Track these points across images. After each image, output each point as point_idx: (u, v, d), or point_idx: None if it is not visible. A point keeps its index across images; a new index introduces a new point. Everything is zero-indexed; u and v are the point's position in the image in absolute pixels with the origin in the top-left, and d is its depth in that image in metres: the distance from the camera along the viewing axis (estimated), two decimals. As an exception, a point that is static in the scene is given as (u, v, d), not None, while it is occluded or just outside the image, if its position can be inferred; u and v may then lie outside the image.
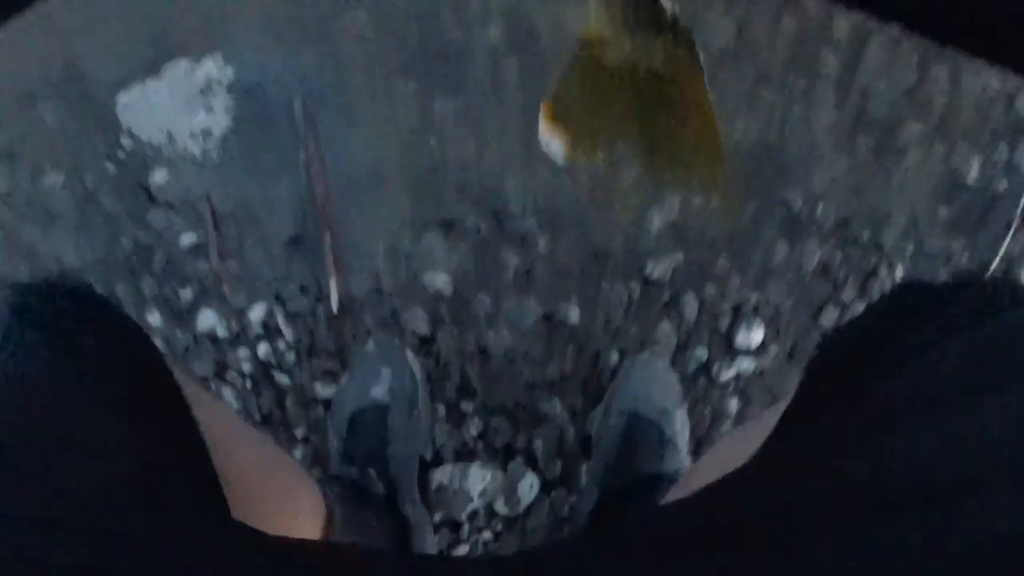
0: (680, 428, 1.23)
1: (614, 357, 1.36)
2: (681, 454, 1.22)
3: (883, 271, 1.39)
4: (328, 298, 1.28)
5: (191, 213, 1.32)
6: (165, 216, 1.32)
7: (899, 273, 1.39)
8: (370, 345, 1.20)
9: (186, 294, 1.29)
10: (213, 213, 1.31)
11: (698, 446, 1.37)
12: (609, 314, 1.39)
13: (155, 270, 1.31)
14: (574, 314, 1.35)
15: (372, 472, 1.09)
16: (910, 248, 1.40)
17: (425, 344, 1.30)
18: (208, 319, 1.26)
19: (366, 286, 1.31)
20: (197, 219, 1.32)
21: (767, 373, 1.41)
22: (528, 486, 1.26)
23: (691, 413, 1.34)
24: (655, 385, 1.25)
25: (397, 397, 1.16)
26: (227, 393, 1.23)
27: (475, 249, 1.36)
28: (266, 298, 1.28)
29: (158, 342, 1.30)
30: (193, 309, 1.28)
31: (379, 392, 1.16)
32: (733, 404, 1.39)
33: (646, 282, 1.43)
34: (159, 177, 1.33)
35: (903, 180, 1.45)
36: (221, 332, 1.25)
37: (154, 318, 1.28)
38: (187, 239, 1.30)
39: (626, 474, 1.15)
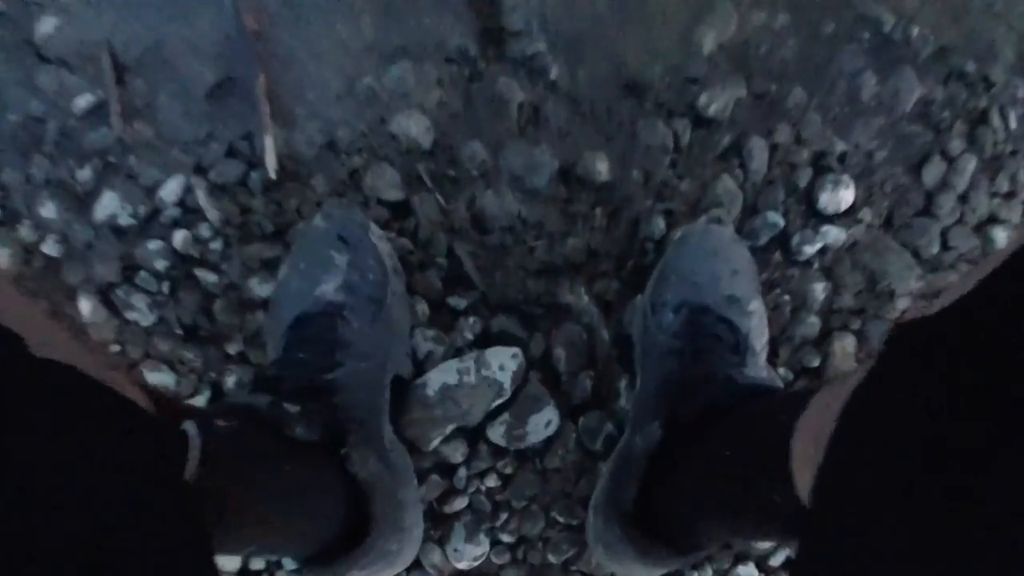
0: (757, 325, 0.83)
1: (659, 225, 0.92)
2: (760, 361, 0.82)
3: (994, 118, 0.99)
4: (264, 161, 0.88)
5: (88, 68, 0.94)
6: (56, 76, 0.95)
7: (1013, 124, 0.99)
8: (318, 220, 0.80)
9: (84, 174, 0.92)
10: (115, 63, 0.93)
11: (774, 349, 0.92)
12: (649, 166, 0.94)
13: (47, 147, 0.94)
14: (602, 167, 0.91)
15: (302, 409, 0.69)
16: (1021, 91, 1.00)
17: (398, 217, 0.89)
18: (108, 204, 0.89)
19: (315, 141, 0.91)
20: (95, 74, 0.94)
21: (860, 247, 0.99)
22: (546, 411, 0.84)
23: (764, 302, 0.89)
24: (719, 262, 0.85)
25: (356, 293, 0.79)
26: (139, 302, 0.87)
27: (463, 83, 0.93)
28: (183, 169, 0.90)
29: (52, 242, 0.94)
30: (94, 193, 0.91)
31: (330, 287, 0.78)
32: (819, 290, 0.97)
33: (698, 121, 0.98)
34: (47, 27, 0.96)
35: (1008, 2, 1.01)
36: (124, 219, 0.88)
37: (48, 209, 0.92)
38: (83, 101, 0.93)
39: (691, 395, 0.76)
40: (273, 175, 0.89)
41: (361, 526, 0.70)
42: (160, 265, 0.89)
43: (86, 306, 0.90)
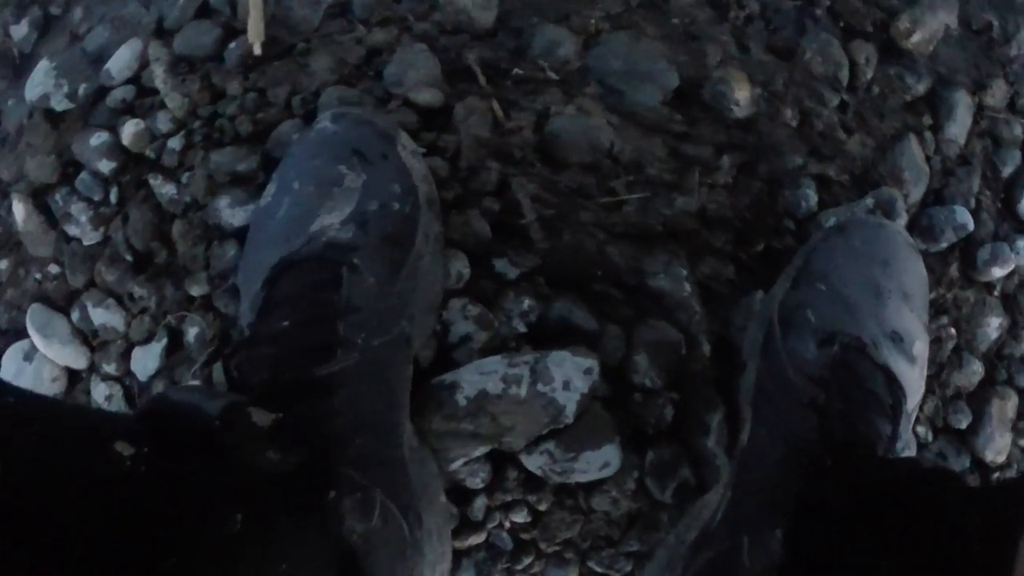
0: (917, 378, 0.42)
1: (808, 197, 0.40)
2: (909, 428, 0.43)
3: None
4: (247, 26, 0.38)
5: None
6: None
7: None
8: (325, 121, 0.31)
9: (20, 30, 0.44)
10: None
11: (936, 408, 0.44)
12: (809, 105, 0.42)
13: None
14: (741, 94, 0.39)
15: (279, 420, 0.31)
16: None
17: (431, 128, 0.38)
18: (41, 79, 0.42)
19: (321, 0, 0.39)
20: None
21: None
22: (606, 449, 0.36)
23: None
24: (889, 278, 0.41)
25: (372, 230, 0.38)
26: (79, 214, 0.41)
27: None
28: (140, 31, 0.41)
29: None
30: (32, 58, 0.43)
31: (335, 219, 0.38)
32: (992, 326, 0.52)
33: (888, 51, 0.43)
34: None
35: None
36: (59, 101, 0.41)
37: None
38: None
39: (835, 480, 0.35)
40: (258, 48, 0.41)
41: None
42: (105, 167, 0.45)
43: (19, 211, 0.47)
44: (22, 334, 0.52)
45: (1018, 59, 0.53)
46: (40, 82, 0.49)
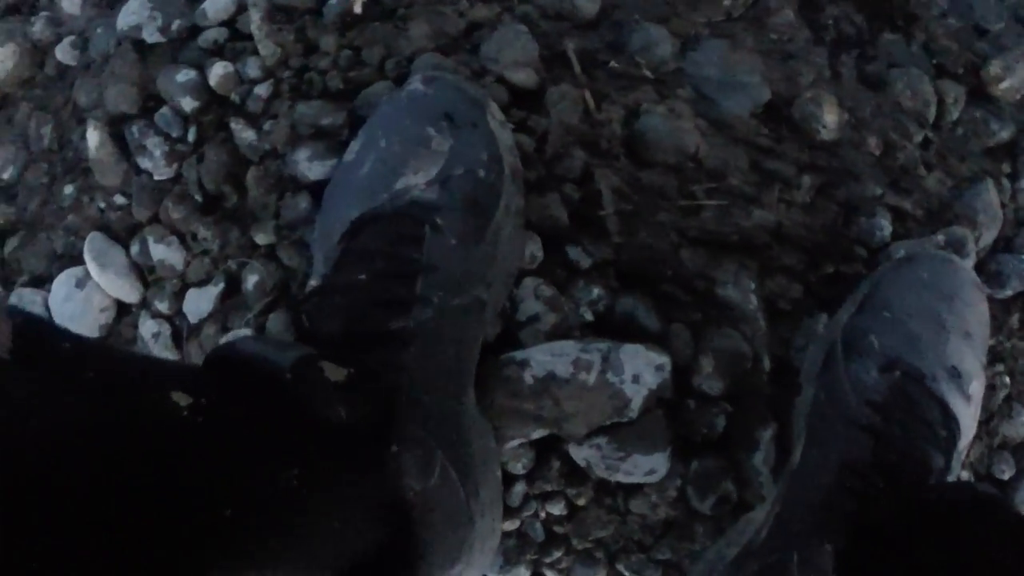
0: (971, 415, 0.41)
1: (883, 226, 0.40)
2: (958, 466, 0.41)
3: None
4: None
5: None
6: None
7: None
8: (417, 83, 0.31)
9: None
10: None
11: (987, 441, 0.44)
12: (894, 136, 0.42)
13: None
14: (830, 117, 0.39)
15: (351, 375, 0.31)
16: None
17: (522, 107, 0.38)
18: (136, 8, 0.42)
19: None
20: None
21: None
22: (655, 457, 0.36)
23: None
24: (953, 314, 0.41)
25: (457, 194, 0.38)
26: (155, 148, 0.41)
27: None
28: None
29: (68, 46, 0.48)
30: None
31: (420, 179, 0.38)
32: None
33: (976, 94, 0.45)
34: None
35: None
36: (151, 34, 0.41)
37: (71, 3, 0.46)
38: None
39: (887, 494, 0.35)
40: (358, 6, 0.41)
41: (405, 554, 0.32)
42: (187, 104, 0.45)
43: (93, 138, 0.47)
44: (78, 260, 0.51)
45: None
46: (135, 11, 0.49)
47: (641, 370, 0.41)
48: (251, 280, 0.47)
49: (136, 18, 0.49)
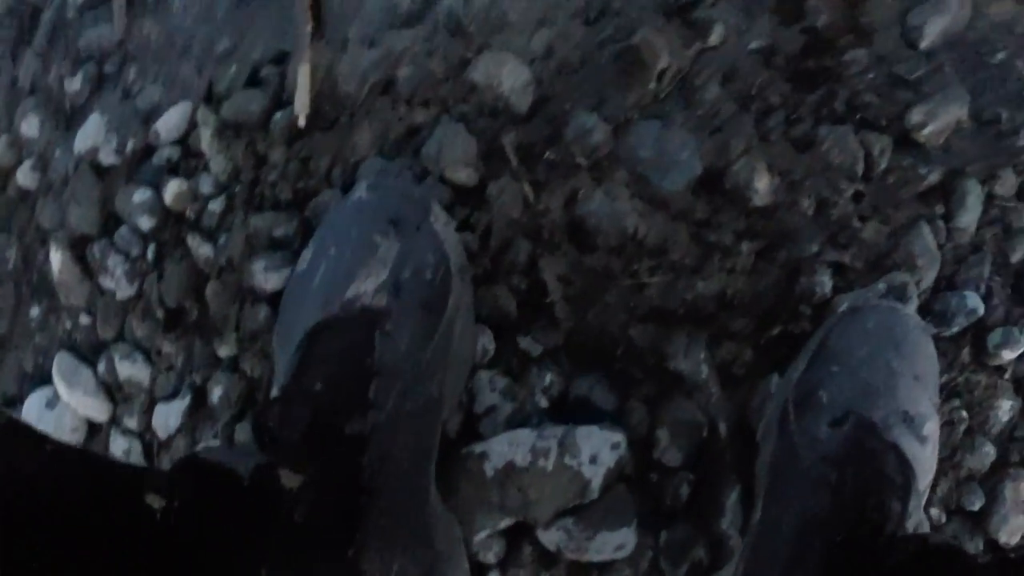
0: (928, 457, 0.43)
1: (824, 282, 0.41)
2: (920, 506, 0.44)
3: None
4: (294, 97, 0.40)
5: None
6: None
7: None
8: (362, 191, 0.33)
9: (75, 84, 0.46)
10: None
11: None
12: (826, 193, 0.43)
13: (39, 43, 0.49)
14: (761, 183, 0.41)
15: (308, 480, 0.33)
16: None
17: (465, 204, 0.40)
18: (93, 131, 0.43)
19: (367, 78, 0.42)
20: None
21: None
22: (622, 532, 0.37)
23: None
24: (901, 359, 0.43)
25: (406, 297, 0.40)
26: (116, 267, 0.42)
27: (586, 23, 0.42)
28: (190, 94, 0.43)
29: (29, 169, 0.50)
30: (84, 111, 0.45)
31: (370, 285, 0.39)
32: (1004, 408, 0.52)
33: (902, 143, 0.44)
34: None
35: None
36: (108, 155, 0.43)
37: (30, 124, 0.48)
38: None
39: (847, 558, 0.36)
40: (303, 120, 0.43)
41: None
42: (145, 223, 0.46)
43: (57, 259, 0.48)
44: (47, 380, 0.52)
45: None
46: (91, 133, 0.51)
47: (598, 450, 0.42)
48: (216, 392, 0.48)
49: (92, 140, 0.51)
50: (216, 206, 0.48)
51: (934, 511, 0.52)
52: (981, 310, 0.53)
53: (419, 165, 0.46)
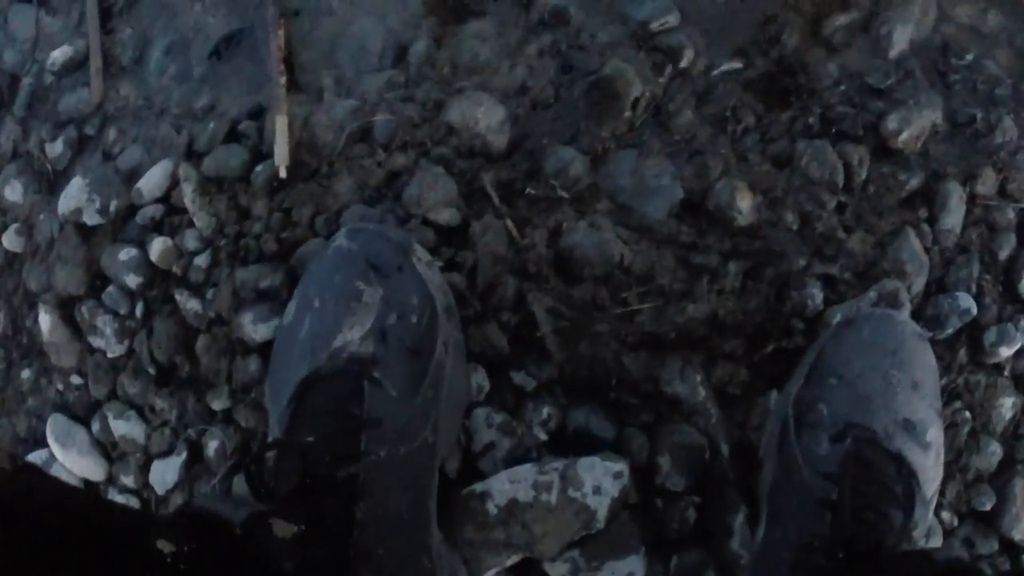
0: (932, 464, 0.43)
1: (815, 296, 0.41)
2: (928, 515, 0.43)
3: None
4: (273, 150, 0.41)
5: (71, 10, 0.47)
6: (33, 19, 0.48)
7: None
8: (341, 239, 0.33)
9: (56, 148, 0.47)
10: (101, 3, 0.46)
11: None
12: (809, 208, 0.44)
13: (18, 108, 0.49)
14: (743, 203, 0.43)
15: (302, 531, 0.33)
16: None
17: (450, 245, 0.41)
18: (75, 194, 0.44)
19: (344, 126, 0.42)
20: (79, 20, 0.47)
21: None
22: (630, 560, 0.36)
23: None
24: (897, 367, 0.43)
25: (393, 343, 0.40)
26: (105, 326, 0.43)
27: (559, 60, 0.43)
28: (171, 152, 0.43)
29: (14, 233, 0.50)
30: (67, 174, 0.46)
31: (355, 335, 0.40)
32: (1006, 406, 0.52)
33: (880, 152, 0.45)
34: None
35: None
36: (91, 216, 0.43)
37: (13, 190, 0.48)
38: (61, 54, 0.47)
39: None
40: (283, 171, 0.44)
41: None
42: (132, 281, 0.46)
43: (46, 321, 0.48)
44: (41, 443, 0.52)
45: (1004, 147, 0.56)
46: (74, 195, 0.51)
47: (600, 480, 0.42)
48: (212, 446, 0.48)
49: (76, 202, 0.51)
50: (202, 261, 0.48)
51: (945, 515, 0.51)
52: (974, 310, 0.53)
53: (401, 209, 0.46)
